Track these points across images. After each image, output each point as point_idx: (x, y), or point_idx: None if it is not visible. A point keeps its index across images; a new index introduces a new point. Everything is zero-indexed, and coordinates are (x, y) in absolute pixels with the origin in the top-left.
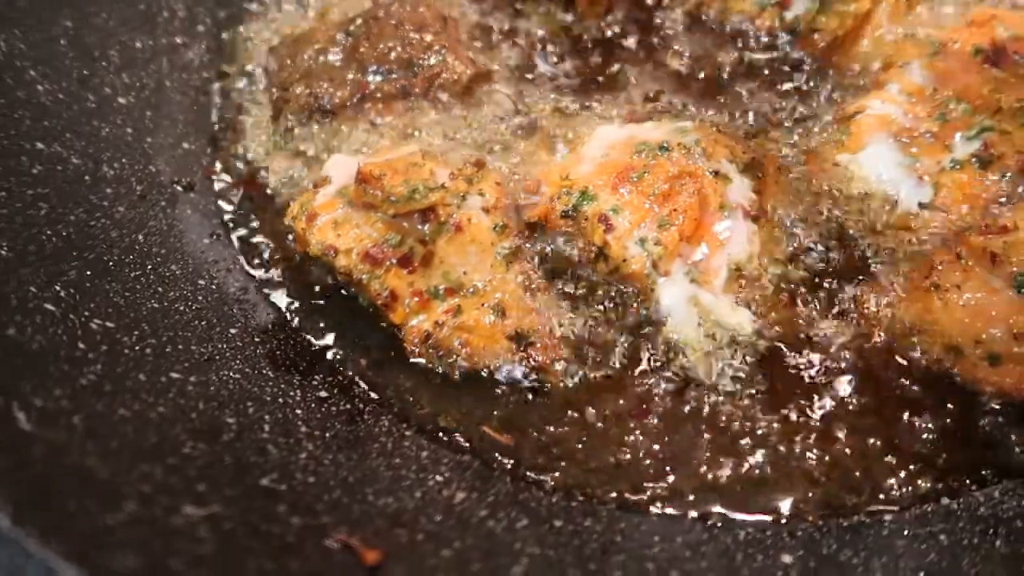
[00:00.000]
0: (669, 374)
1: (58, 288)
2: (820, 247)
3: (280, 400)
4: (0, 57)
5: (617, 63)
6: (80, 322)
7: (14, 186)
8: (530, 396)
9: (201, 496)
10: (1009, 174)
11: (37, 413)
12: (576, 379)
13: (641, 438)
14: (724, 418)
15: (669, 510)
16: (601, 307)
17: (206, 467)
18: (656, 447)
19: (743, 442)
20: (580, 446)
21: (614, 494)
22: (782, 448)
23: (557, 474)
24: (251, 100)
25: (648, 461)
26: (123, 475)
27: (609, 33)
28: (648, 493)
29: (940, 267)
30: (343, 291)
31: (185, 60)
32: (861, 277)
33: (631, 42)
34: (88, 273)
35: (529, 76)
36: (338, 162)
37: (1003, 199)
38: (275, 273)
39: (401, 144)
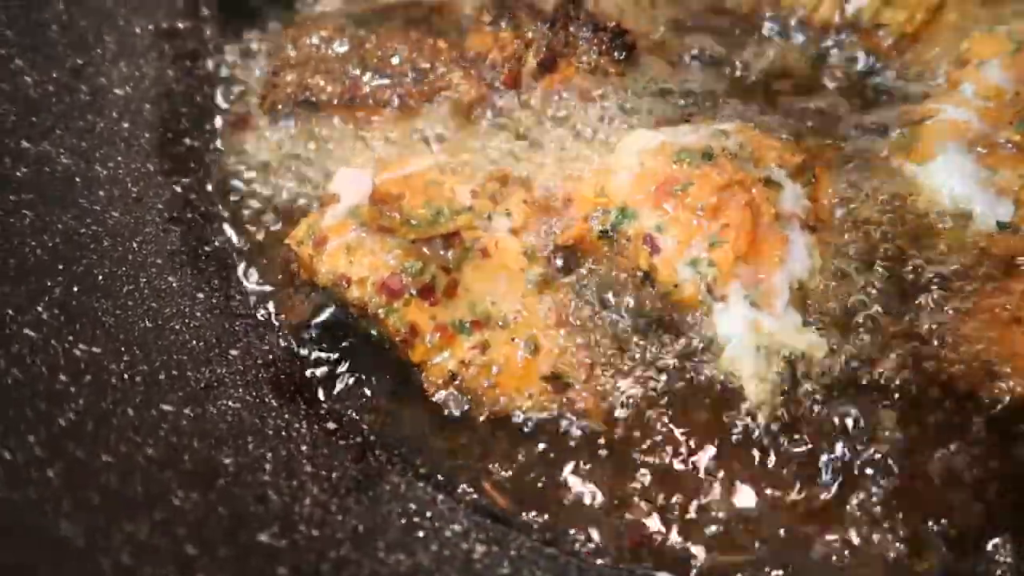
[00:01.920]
0: (727, 416)
1: (40, 309)
2: (884, 265)
3: (284, 434)
4: None
5: (645, 62)
6: (63, 349)
7: None
8: (565, 444)
9: (190, 561)
10: None
11: (6, 469)
12: (620, 425)
13: (695, 496)
14: (796, 467)
15: None
16: (647, 340)
17: (197, 522)
18: (715, 508)
19: (820, 492)
20: (622, 504)
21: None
22: (864, 495)
23: (594, 537)
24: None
25: (704, 524)
26: (102, 540)
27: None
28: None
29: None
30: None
31: (188, 47)
32: (930, 303)
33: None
34: (75, 290)
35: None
36: (347, 177)
37: None
38: (279, 290)
39: (396, 153)
